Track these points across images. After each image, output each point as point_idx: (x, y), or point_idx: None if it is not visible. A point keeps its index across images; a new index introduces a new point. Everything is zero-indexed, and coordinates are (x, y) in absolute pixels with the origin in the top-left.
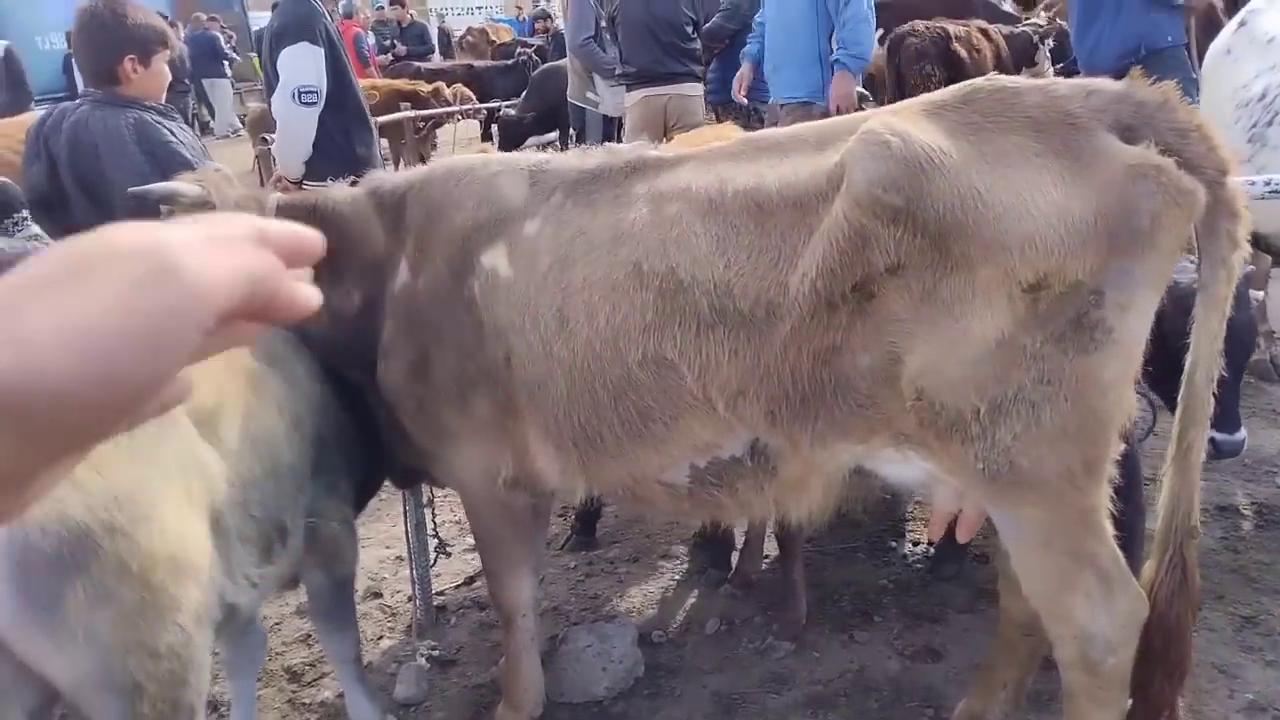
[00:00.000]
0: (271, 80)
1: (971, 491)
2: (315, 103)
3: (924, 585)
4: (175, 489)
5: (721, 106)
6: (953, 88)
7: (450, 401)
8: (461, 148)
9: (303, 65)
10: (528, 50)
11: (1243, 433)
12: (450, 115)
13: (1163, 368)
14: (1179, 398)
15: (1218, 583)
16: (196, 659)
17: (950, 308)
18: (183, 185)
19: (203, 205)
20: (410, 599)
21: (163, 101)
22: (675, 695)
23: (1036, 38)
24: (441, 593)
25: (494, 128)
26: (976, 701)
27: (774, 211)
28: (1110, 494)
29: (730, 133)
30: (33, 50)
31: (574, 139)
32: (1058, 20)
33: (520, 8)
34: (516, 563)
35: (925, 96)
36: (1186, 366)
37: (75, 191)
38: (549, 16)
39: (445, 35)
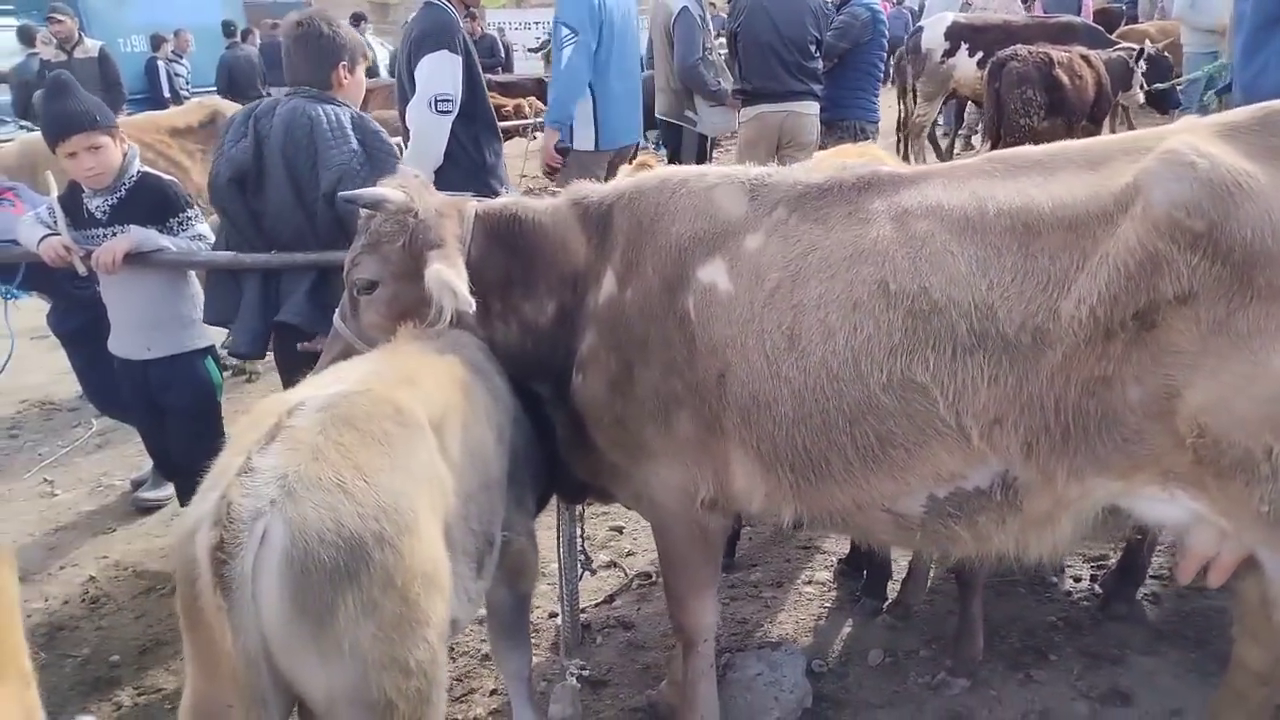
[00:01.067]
0: (406, 87)
1: (1246, 535)
2: (450, 111)
3: (1095, 624)
4: (425, 500)
5: (827, 125)
6: (1246, 109)
7: (652, 418)
8: (532, 157)
9: (441, 73)
10: None
11: None
12: (528, 128)
13: None
14: None
15: None
16: (440, 678)
17: (1247, 340)
18: (389, 192)
19: (407, 212)
20: (552, 615)
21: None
22: None
23: (1132, 60)
24: (584, 610)
25: None
26: None
27: (1043, 232)
28: None
29: (876, 152)
30: (116, 53)
31: (666, 156)
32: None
33: None
34: (703, 585)
35: (1214, 117)
36: None
37: (278, 169)
38: None
39: (505, 48)
